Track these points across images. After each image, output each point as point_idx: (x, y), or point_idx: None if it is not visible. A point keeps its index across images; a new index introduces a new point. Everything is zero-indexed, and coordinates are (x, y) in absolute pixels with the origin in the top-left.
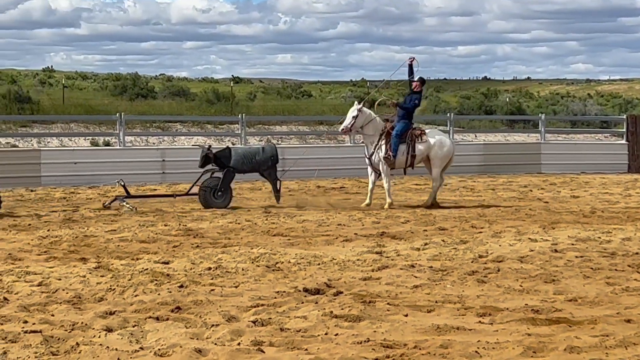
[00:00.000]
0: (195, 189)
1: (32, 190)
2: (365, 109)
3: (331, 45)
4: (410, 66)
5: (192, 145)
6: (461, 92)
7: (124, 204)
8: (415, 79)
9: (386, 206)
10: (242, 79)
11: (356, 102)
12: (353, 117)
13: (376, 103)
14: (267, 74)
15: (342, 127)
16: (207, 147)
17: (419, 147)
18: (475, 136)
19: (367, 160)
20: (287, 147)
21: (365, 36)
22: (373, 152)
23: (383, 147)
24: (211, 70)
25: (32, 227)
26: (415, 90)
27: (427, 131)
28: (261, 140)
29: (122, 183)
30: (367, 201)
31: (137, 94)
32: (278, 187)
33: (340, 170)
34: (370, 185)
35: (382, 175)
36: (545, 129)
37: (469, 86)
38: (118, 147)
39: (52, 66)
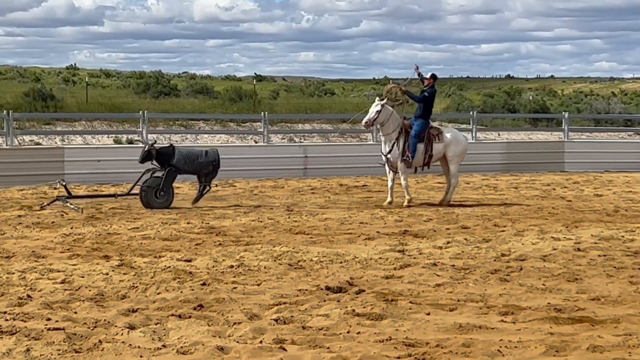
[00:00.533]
0: (137, 189)
1: (55, 188)
2: (387, 106)
3: (354, 43)
4: (420, 74)
5: (135, 141)
6: (484, 90)
7: (68, 204)
8: (428, 75)
9: (405, 203)
10: (265, 77)
11: (378, 98)
12: (377, 111)
13: (389, 91)
14: (289, 72)
15: (365, 119)
16: (150, 143)
17: (437, 146)
18: (499, 134)
19: (383, 158)
20: (310, 145)
21: (388, 34)
22: (391, 150)
23: (401, 146)
24: (234, 68)
25: (55, 225)
26: (427, 86)
27: (443, 130)
28: (284, 139)
29: (64, 183)
30: (389, 199)
31: (160, 92)
32: (205, 192)
33: (362, 168)
34: (389, 183)
35: (400, 172)
36: (569, 128)
37: (492, 84)
38: (141, 145)
39: (75, 64)
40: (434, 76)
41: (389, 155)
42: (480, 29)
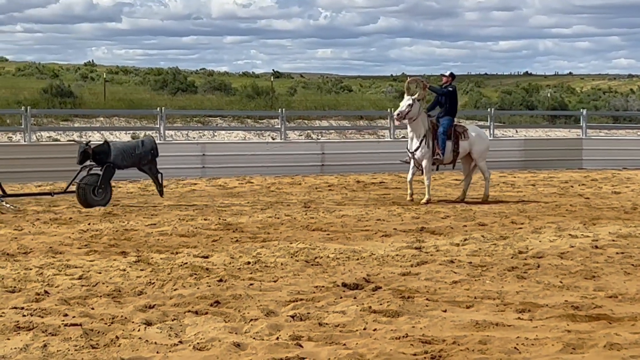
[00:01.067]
0: (74, 187)
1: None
2: (417, 103)
3: (371, 40)
4: (430, 87)
5: (68, 140)
6: (502, 87)
7: (3, 203)
8: (447, 73)
9: (423, 201)
10: (282, 74)
11: (406, 94)
12: (409, 104)
13: (412, 81)
14: (307, 68)
15: (397, 111)
16: (84, 143)
17: (463, 144)
18: (516, 131)
19: (409, 154)
20: (327, 141)
21: (406, 31)
22: (418, 147)
23: (430, 144)
24: (251, 65)
25: (72, 221)
26: (444, 84)
27: (467, 127)
28: (301, 135)
29: None
30: (410, 191)
31: (178, 88)
32: (160, 180)
33: (380, 165)
34: (409, 177)
35: (424, 171)
36: (587, 125)
37: (510, 81)
38: (158, 142)
39: (93, 61)
40: (452, 74)
41: (416, 153)
42: (498, 26)
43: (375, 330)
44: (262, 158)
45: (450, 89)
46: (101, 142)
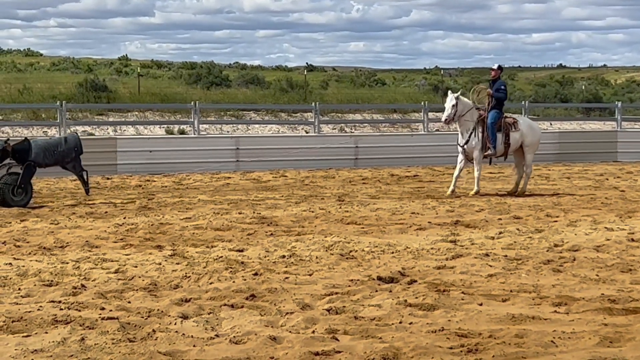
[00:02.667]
0: None
1: (108, 178)
2: (462, 97)
3: (404, 33)
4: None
5: None
6: (536, 80)
7: None
8: (495, 66)
9: (472, 193)
10: (316, 67)
11: (450, 92)
12: (453, 105)
13: (475, 90)
14: (340, 62)
15: (444, 117)
16: (4, 140)
17: (514, 135)
18: (551, 124)
19: (459, 148)
20: (361, 135)
21: (438, 24)
22: (468, 140)
23: (480, 136)
24: (284, 59)
25: (108, 215)
26: (494, 78)
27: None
28: (334, 129)
29: None
30: (452, 188)
31: (212, 82)
32: (86, 178)
33: (413, 158)
34: (456, 172)
35: (475, 163)
36: (622, 117)
37: (544, 74)
38: (193, 136)
39: (127, 55)
40: (500, 67)
41: (465, 146)
42: (531, 18)
43: (411, 323)
44: (296, 152)
45: (503, 87)
46: (21, 139)
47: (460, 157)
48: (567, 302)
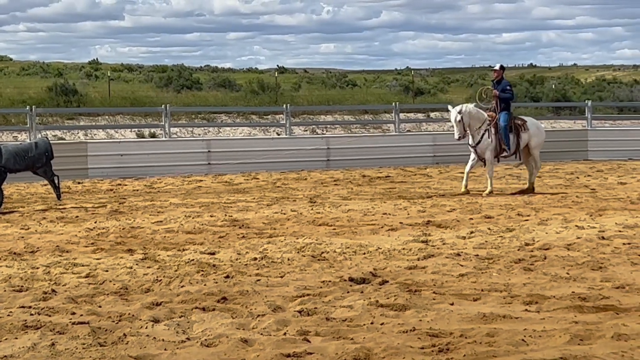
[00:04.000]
0: None
1: (79, 183)
2: (464, 108)
3: (375, 34)
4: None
5: None
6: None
7: None
8: (497, 67)
9: (486, 193)
10: (287, 69)
11: (450, 106)
12: (458, 121)
13: (481, 92)
14: (311, 63)
15: (456, 136)
16: None
17: (524, 135)
18: None
19: (471, 149)
20: (333, 136)
21: (409, 24)
22: (480, 141)
23: (492, 137)
24: (255, 61)
25: (79, 219)
26: (497, 78)
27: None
28: (306, 130)
29: None
30: (465, 184)
31: (182, 85)
32: (57, 183)
33: (385, 159)
34: (467, 169)
35: (487, 163)
36: (592, 116)
37: (514, 73)
38: (164, 139)
39: (97, 59)
40: (502, 67)
41: (478, 146)
42: (501, 18)
43: (382, 324)
44: (267, 154)
45: (509, 87)
46: None
47: (473, 155)
48: (538, 300)
